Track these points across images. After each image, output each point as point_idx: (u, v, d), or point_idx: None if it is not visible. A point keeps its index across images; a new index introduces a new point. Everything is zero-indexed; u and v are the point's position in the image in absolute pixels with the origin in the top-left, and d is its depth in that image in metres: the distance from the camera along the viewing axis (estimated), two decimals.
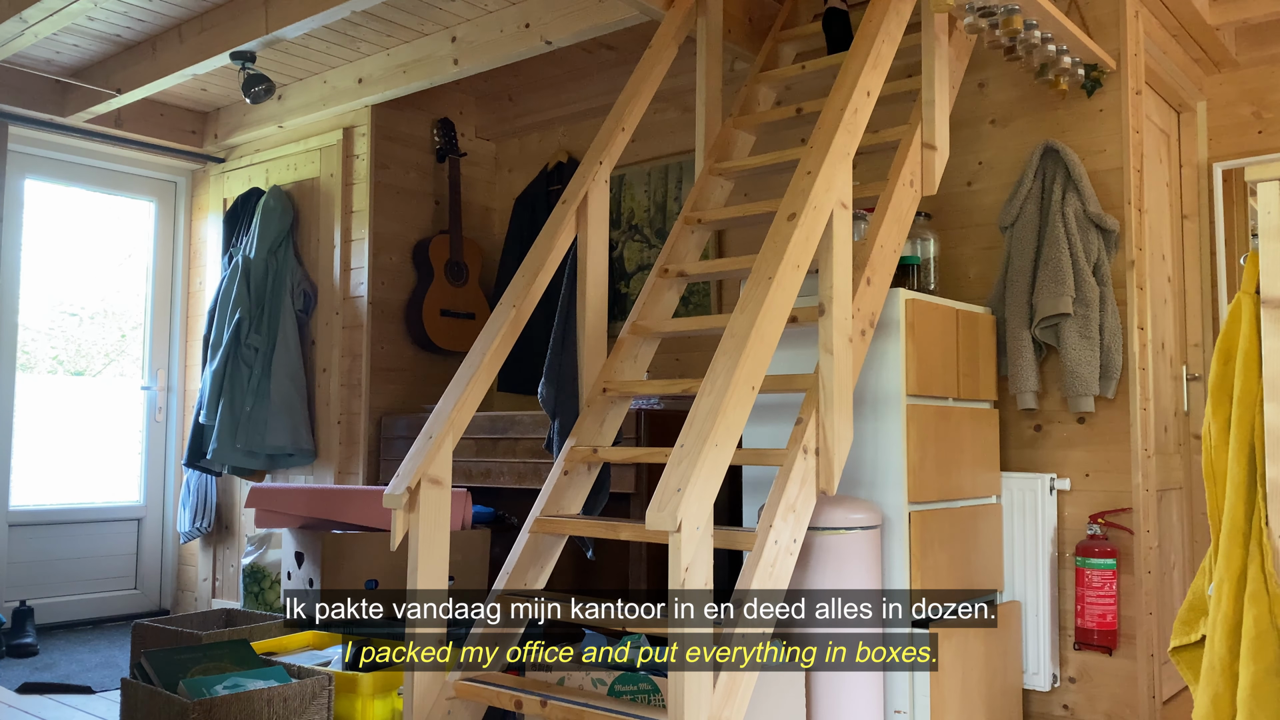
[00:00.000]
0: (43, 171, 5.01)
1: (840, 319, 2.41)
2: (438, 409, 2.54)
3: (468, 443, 4.02)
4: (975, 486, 3.02)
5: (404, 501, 2.42)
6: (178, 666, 2.88)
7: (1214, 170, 3.88)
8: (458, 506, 3.57)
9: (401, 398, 4.65)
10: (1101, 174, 3.21)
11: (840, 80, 2.58)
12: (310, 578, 3.42)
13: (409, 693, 2.43)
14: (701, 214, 3.11)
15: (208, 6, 3.97)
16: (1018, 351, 3.17)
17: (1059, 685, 3.16)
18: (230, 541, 5.08)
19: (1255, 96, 3.82)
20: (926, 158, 2.89)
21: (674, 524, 1.90)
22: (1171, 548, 3.51)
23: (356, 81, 4.50)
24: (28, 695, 3.60)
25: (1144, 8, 3.35)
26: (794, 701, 2.42)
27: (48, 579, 4.92)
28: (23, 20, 3.63)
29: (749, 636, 2.15)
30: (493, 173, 5.19)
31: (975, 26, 2.89)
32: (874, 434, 2.78)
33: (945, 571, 2.83)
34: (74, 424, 5.11)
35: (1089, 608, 3.03)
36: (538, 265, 2.75)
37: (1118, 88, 3.21)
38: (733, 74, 4.21)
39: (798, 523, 2.32)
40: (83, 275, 5.17)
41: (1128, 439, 3.10)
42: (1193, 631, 2.20)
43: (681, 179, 4.41)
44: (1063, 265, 3.09)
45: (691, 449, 1.98)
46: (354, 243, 4.65)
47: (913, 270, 3.14)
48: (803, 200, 2.32)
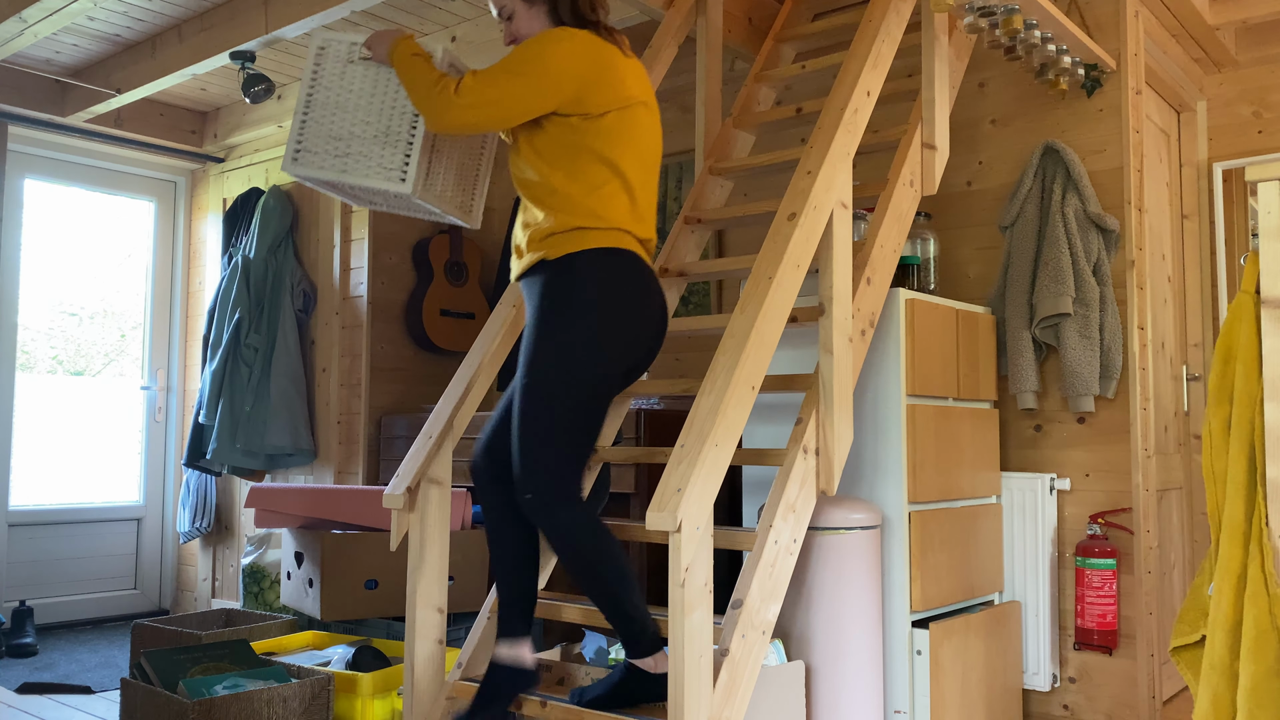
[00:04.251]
0: (42, 171, 5.01)
1: (840, 319, 2.41)
2: (438, 409, 2.54)
3: (468, 443, 4.02)
4: (975, 486, 3.02)
5: (404, 501, 2.42)
6: (177, 666, 2.89)
7: (1214, 170, 3.88)
8: (458, 506, 3.57)
9: (401, 398, 4.65)
10: (1101, 174, 3.21)
11: (840, 80, 2.59)
12: (310, 578, 3.42)
13: (409, 693, 2.43)
14: (701, 214, 3.11)
15: (208, 6, 3.97)
16: (1018, 351, 3.18)
17: (1059, 685, 3.16)
18: (230, 541, 5.08)
19: (1255, 96, 3.82)
20: (926, 158, 2.89)
21: (674, 524, 1.90)
22: (1171, 548, 3.51)
23: None
24: (27, 695, 3.60)
25: (1144, 8, 3.35)
26: (794, 701, 2.42)
27: (47, 579, 4.92)
28: (22, 20, 3.63)
29: (749, 637, 2.15)
30: (493, 172, 5.19)
31: (975, 26, 2.89)
32: (874, 434, 2.79)
33: (945, 571, 2.83)
34: (74, 424, 5.11)
35: (1089, 608, 3.03)
36: None
37: (1118, 88, 3.21)
38: (733, 74, 4.22)
39: (798, 523, 2.32)
40: (82, 275, 5.17)
41: (1128, 439, 3.10)
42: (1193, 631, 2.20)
43: (681, 179, 4.41)
44: (1063, 265, 3.09)
45: (691, 449, 1.98)
46: (354, 242, 4.65)
47: (913, 270, 3.14)
48: (803, 200, 2.33)
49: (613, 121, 2.30)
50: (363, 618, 3.43)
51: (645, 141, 2.36)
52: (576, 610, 2.45)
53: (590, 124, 2.28)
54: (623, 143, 2.30)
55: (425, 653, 2.44)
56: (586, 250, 2.26)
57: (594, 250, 2.26)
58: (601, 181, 2.28)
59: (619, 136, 2.30)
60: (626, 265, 2.28)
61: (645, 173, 2.36)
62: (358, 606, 3.41)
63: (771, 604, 2.22)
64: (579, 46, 2.27)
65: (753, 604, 2.17)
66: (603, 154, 2.28)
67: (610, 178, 2.29)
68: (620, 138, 2.30)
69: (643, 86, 2.38)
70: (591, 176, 2.28)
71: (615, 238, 2.28)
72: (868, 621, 2.57)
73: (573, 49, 2.26)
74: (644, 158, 2.35)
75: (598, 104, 2.28)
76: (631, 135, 2.32)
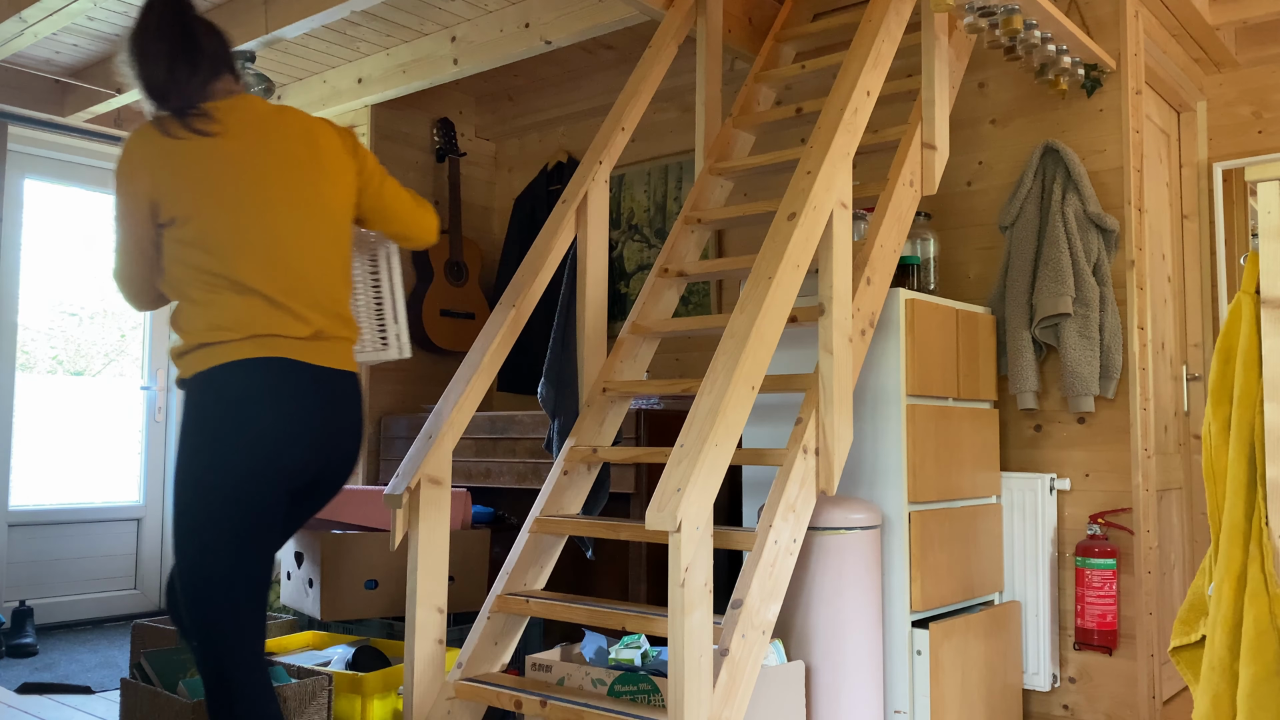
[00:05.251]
0: (42, 171, 5.01)
1: (840, 319, 2.41)
2: (438, 409, 2.54)
3: (468, 443, 4.02)
4: (975, 486, 3.02)
5: (404, 501, 2.42)
6: (178, 666, 2.88)
7: (1214, 170, 3.88)
8: (458, 506, 3.57)
9: (401, 398, 4.65)
10: (1101, 174, 3.21)
11: (840, 80, 2.59)
12: (310, 578, 3.42)
13: (409, 693, 2.43)
14: (701, 214, 3.11)
15: (208, 6, 3.97)
16: (1018, 351, 3.18)
17: (1059, 685, 3.16)
18: None
19: (1255, 96, 3.82)
20: (926, 158, 2.89)
21: (674, 524, 1.90)
22: (1171, 548, 3.51)
23: (356, 81, 4.50)
24: (27, 695, 3.60)
25: (1144, 8, 3.35)
26: (794, 701, 2.42)
27: (47, 579, 4.92)
28: (22, 20, 3.64)
29: (749, 637, 2.15)
30: (492, 173, 5.19)
31: (975, 26, 2.89)
32: (874, 434, 2.79)
33: (945, 571, 2.83)
34: (74, 424, 5.11)
35: (1089, 608, 3.03)
36: (537, 265, 2.75)
37: (1118, 88, 3.21)
38: (733, 74, 4.22)
39: (797, 523, 2.32)
40: (83, 275, 5.17)
41: (1128, 439, 3.10)
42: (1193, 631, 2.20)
43: (681, 179, 4.41)
44: (1063, 265, 3.09)
45: (691, 449, 1.98)
46: None
47: (913, 270, 3.14)
48: (803, 200, 2.33)
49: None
50: (363, 618, 3.43)
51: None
52: (576, 610, 2.45)
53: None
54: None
55: (425, 653, 2.44)
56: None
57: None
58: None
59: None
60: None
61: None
62: (358, 606, 3.41)
63: (771, 604, 2.22)
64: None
65: (753, 604, 2.17)
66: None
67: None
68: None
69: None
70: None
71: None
72: (868, 621, 2.57)
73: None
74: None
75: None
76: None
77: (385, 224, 2.34)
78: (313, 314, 2.09)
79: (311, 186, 2.14)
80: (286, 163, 2.12)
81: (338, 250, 2.18)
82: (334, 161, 2.19)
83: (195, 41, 2.12)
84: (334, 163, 2.19)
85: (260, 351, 2.02)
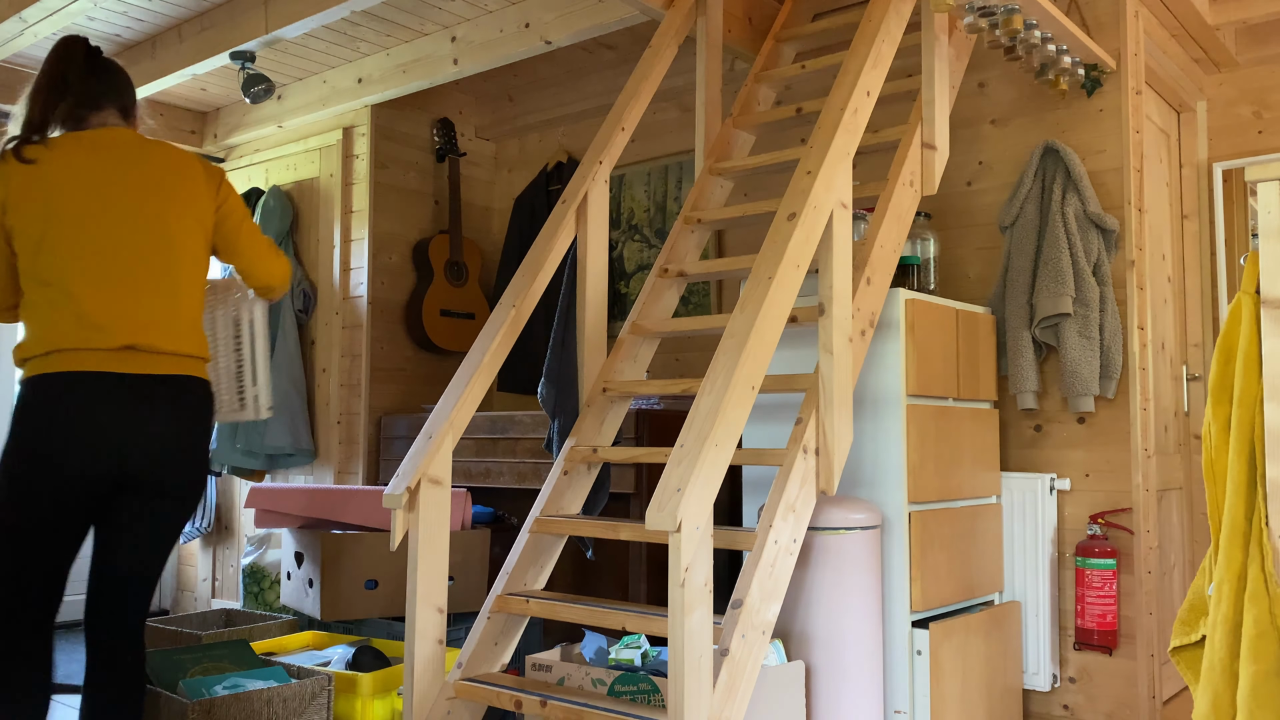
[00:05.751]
0: None
1: (840, 319, 2.41)
2: (438, 409, 2.54)
3: (468, 443, 4.02)
4: (975, 486, 3.02)
5: (404, 501, 2.42)
6: (177, 666, 2.88)
7: (1214, 170, 3.88)
8: (458, 506, 3.57)
9: (401, 398, 4.65)
10: (1101, 174, 3.21)
11: (840, 80, 2.59)
12: (310, 578, 3.42)
13: (409, 693, 2.43)
14: (701, 214, 3.11)
15: (208, 6, 3.97)
16: (1018, 351, 3.18)
17: (1059, 685, 3.16)
18: (230, 541, 5.08)
19: (1255, 96, 3.82)
20: (926, 158, 2.89)
21: (674, 524, 1.90)
22: (1171, 548, 3.51)
23: (356, 81, 4.50)
24: None
25: (1144, 8, 3.35)
26: (794, 701, 2.42)
27: None
28: (22, 20, 3.64)
29: (749, 637, 2.15)
30: (492, 173, 5.19)
31: (975, 26, 2.89)
32: (874, 434, 2.79)
33: (945, 571, 2.83)
34: None
35: (1089, 608, 3.03)
36: (537, 265, 2.75)
37: (1118, 88, 3.21)
38: (733, 74, 4.22)
39: (798, 523, 2.32)
40: None
41: (1128, 439, 3.10)
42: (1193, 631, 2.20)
43: (681, 179, 4.41)
44: (1063, 265, 3.09)
45: (691, 449, 1.98)
46: (354, 243, 4.65)
47: (913, 270, 3.14)
48: (803, 200, 2.33)
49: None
50: (363, 618, 3.43)
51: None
52: (576, 610, 2.45)
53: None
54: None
55: (425, 653, 2.44)
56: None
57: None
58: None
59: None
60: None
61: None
62: (358, 606, 3.41)
63: (771, 604, 2.22)
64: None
65: (753, 604, 2.17)
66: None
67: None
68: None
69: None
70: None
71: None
72: (868, 621, 2.57)
73: None
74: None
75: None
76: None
77: (234, 258, 2.52)
78: (126, 327, 2.24)
79: (155, 211, 2.32)
80: (132, 188, 2.31)
81: (172, 271, 2.33)
82: (187, 190, 2.38)
83: (65, 81, 2.36)
84: (187, 191, 2.38)
85: (60, 366, 2.20)
